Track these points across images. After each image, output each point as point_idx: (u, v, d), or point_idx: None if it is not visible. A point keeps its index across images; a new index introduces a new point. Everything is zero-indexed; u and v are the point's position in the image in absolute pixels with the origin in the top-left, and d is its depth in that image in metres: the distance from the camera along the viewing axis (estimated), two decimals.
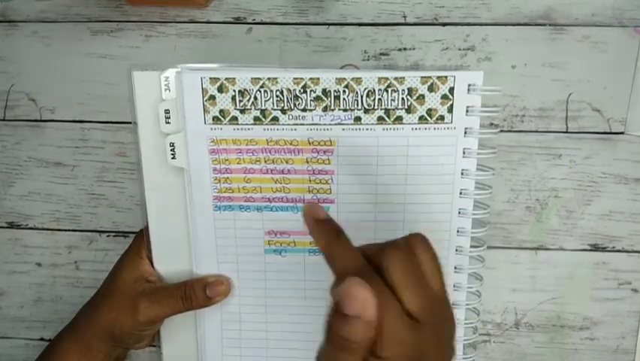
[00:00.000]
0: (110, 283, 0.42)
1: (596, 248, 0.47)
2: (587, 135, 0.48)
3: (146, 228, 0.41)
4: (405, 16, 0.51)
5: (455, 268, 0.39)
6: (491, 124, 0.48)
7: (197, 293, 0.40)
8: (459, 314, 0.40)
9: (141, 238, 0.43)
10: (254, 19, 0.51)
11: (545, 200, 0.47)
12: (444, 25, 0.50)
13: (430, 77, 0.37)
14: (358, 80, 0.37)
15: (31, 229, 0.49)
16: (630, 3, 0.49)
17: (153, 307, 0.40)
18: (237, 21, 0.51)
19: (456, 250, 0.39)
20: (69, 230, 0.49)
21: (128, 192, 0.49)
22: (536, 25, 0.50)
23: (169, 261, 0.41)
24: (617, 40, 0.49)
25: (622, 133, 0.48)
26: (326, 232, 0.30)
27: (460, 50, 0.50)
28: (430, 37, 0.50)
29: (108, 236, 0.49)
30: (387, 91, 0.37)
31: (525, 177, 0.48)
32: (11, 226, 0.49)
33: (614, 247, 0.47)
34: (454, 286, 0.39)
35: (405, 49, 0.50)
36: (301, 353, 0.41)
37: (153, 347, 0.44)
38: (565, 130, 0.48)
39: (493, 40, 0.50)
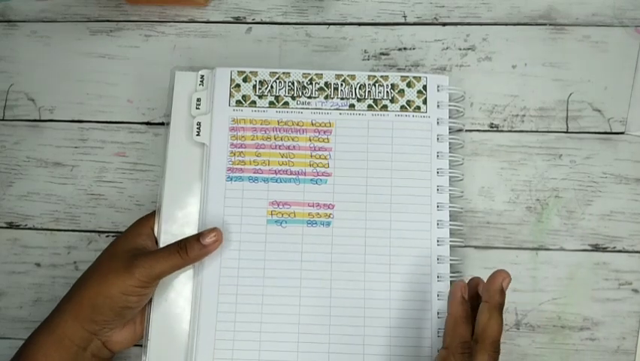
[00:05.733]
0: (104, 253, 0.42)
1: (596, 248, 0.47)
2: (587, 135, 0.48)
3: (160, 197, 0.45)
4: (405, 16, 0.51)
5: (438, 258, 0.44)
6: (491, 124, 0.48)
7: (191, 244, 0.41)
8: (443, 306, 0.43)
9: (142, 221, 0.44)
10: (253, 19, 0.51)
11: (546, 200, 0.47)
12: (444, 24, 0.50)
13: (407, 77, 0.46)
14: (352, 77, 0.46)
15: (30, 229, 0.49)
16: (631, 3, 0.49)
17: (150, 261, 0.40)
18: (237, 21, 0.51)
19: (437, 224, 0.44)
20: (68, 230, 0.49)
21: (127, 193, 0.49)
22: (537, 24, 0.50)
23: (177, 232, 0.44)
24: (617, 40, 0.49)
25: (622, 133, 0.48)
26: (462, 310, 0.39)
27: (460, 49, 0.50)
28: (430, 36, 0.50)
29: (107, 236, 0.49)
30: (375, 85, 0.46)
31: (525, 177, 0.48)
32: (10, 226, 0.49)
33: (614, 248, 0.46)
34: (437, 276, 0.44)
35: (405, 49, 0.50)
36: (293, 326, 0.43)
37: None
38: (565, 130, 0.48)
39: (493, 40, 0.50)
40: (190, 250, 0.41)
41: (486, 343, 0.37)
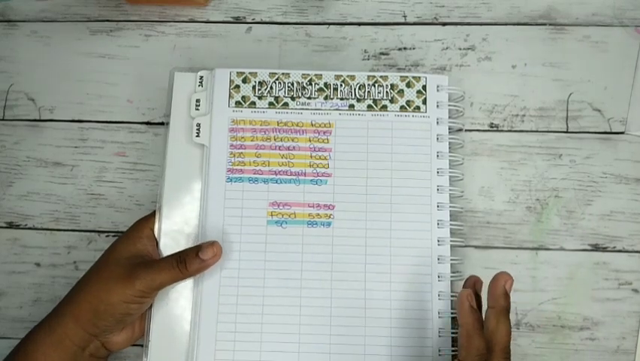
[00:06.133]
0: (105, 256, 0.42)
1: (596, 248, 0.47)
2: (587, 135, 0.48)
3: (160, 198, 0.45)
4: (405, 16, 0.51)
5: (438, 258, 0.44)
6: (491, 124, 0.48)
7: (191, 258, 0.41)
8: (444, 306, 0.43)
9: (142, 222, 0.44)
10: (253, 19, 0.51)
11: (546, 200, 0.47)
12: (444, 24, 0.50)
13: (407, 77, 0.46)
14: (352, 77, 0.46)
15: (30, 229, 0.49)
16: (631, 3, 0.49)
17: (151, 273, 0.40)
18: (237, 20, 0.51)
19: (438, 224, 0.44)
20: (68, 230, 0.49)
21: (127, 192, 0.49)
22: (537, 24, 0.50)
23: (177, 233, 0.44)
24: (617, 40, 0.49)
25: (622, 133, 0.48)
26: (473, 320, 0.38)
27: (460, 49, 0.50)
28: (430, 36, 0.50)
29: (107, 236, 0.49)
30: (374, 85, 0.46)
31: (525, 177, 0.48)
32: (10, 226, 0.49)
33: (614, 247, 0.47)
34: (438, 276, 0.44)
35: (405, 48, 0.50)
36: (294, 327, 0.43)
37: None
38: (565, 130, 0.48)
39: (493, 40, 0.50)
40: (189, 264, 0.41)
41: (496, 350, 0.37)
